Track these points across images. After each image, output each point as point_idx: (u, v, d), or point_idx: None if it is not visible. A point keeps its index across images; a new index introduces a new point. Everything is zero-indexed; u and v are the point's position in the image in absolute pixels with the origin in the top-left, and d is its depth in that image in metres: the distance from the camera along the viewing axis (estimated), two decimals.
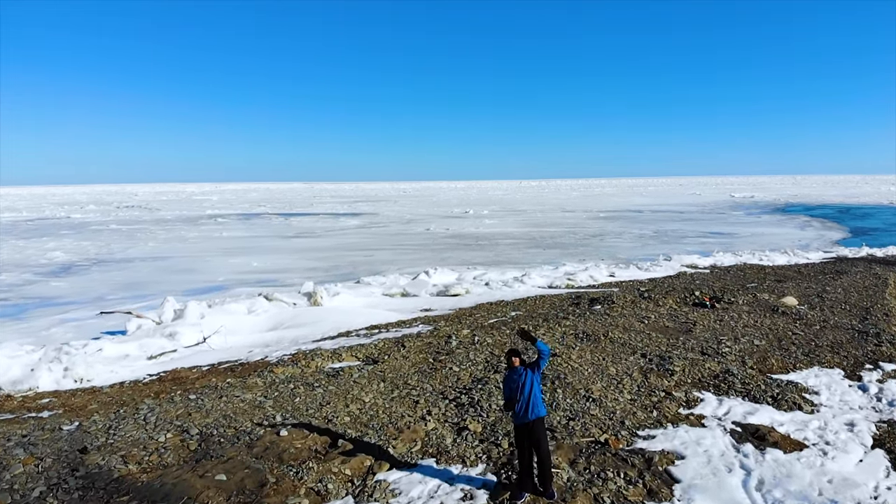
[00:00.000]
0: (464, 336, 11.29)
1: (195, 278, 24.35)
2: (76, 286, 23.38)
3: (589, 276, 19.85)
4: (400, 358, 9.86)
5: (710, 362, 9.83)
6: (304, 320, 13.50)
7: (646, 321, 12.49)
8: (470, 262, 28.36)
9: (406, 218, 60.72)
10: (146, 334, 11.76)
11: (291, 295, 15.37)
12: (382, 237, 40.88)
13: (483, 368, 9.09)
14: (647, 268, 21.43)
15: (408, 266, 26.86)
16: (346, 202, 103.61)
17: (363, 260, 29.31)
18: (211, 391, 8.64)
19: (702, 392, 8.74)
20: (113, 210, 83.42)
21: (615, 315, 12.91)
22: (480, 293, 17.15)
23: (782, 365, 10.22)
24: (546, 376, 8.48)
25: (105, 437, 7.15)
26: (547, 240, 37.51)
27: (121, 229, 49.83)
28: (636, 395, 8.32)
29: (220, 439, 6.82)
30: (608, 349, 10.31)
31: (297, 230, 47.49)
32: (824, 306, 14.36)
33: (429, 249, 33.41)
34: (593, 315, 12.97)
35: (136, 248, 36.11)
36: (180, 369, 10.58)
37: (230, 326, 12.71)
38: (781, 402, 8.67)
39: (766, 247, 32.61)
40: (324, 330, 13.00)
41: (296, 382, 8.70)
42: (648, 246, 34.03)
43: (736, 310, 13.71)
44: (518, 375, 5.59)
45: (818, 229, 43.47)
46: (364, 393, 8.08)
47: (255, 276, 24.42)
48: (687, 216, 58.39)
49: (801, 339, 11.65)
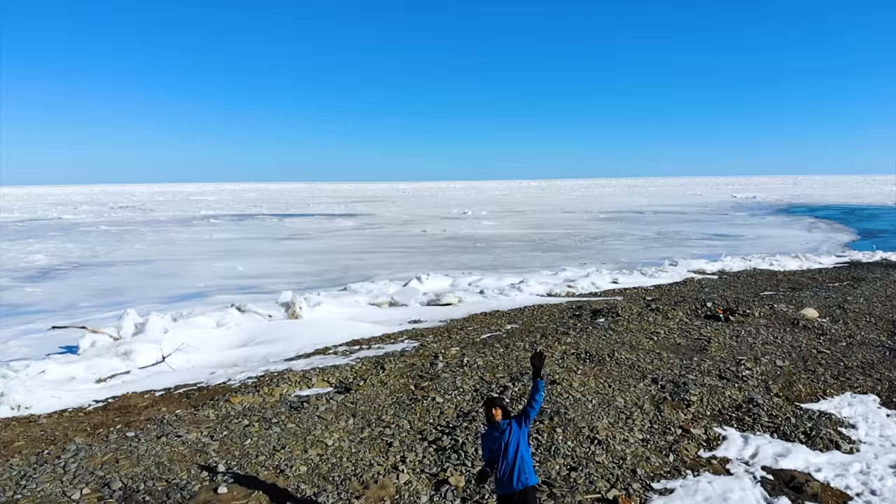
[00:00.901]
0: (452, 356, 10.08)
1: (176, 284, 23.14)
2: (50, 292, 22.17)
3: (591, 282, 18.64)
4: (377, 384, 8.65)
5: (730, 389, 8.63)
6: (279, 335, 12.31)
7: (655, 337, 11.27)
8: (466, 265, 27.16)
9: (403, 219, 59.52)
10: (98, 353, 10.55)
11: (268, 305, 14.16)
12: (377, 239, 39.67)
13: (471, 399, 7.88)
14: (653, 273, 20.22)
15: (401, 270, 25.67)
16: (344, 202, 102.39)
17: (355, 263, 28.11)
18: (153, 427, 7.44)
19: (724, 427, 7.53)
20: (107, 211, 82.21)
21: (621, 330, 11.69)
22: (474, 302, 15.94)
23: (810, 391, 9.03)
24: (544, 411, 7.28)
25: (13, 490, 5.95)
26: (546, 242, 36.31)
27: (110, 231, 48.62)
28: (648, 432, 7.12)
29: (146, 497, 5.62)
30: (614, 373, 9.10)
31: (290, 232, 46.27)
32: (848, 319, 13.16)
33: (424, 252, 32.21)
34: (596, 330, 11.75)
35: (122, 250, 34.91)
36: (131, 395, 9.37)
37: (196, 342, 11.50)
38: (815, 439, 7.46)
39: (773, 250, 31.40)
40: (299, 346, 11.81)
41: (252, 417, 7.48)
42: (651, 249, 32.82)
43: (753, 323, 12.50)
44: (500, 432, 4.37)
45: (825, 231, 42.25)
46: (328, 433, 6.86)
47: (238, 282, 23.20)
48: (689, 217, 57.18)
49: (827, 358, 10.45)
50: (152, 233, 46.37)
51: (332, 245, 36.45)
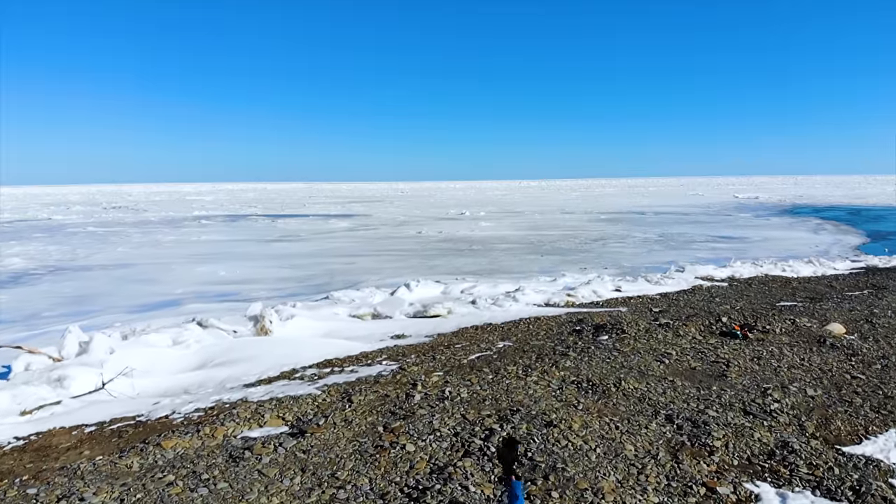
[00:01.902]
0: (433, 384, 8.72)
1: (151, 290, 21.78)
2: (16, 300, 20.83)
3: (592, 291, 17.30)
4: (339, 423, 7.29)
5: (759, 429, 7.28)
6: (242, 355, 10.95)
7: (666, 360, 9.91)
8: (460, 270, 25.82)
9: (399, 220, 58.13)
10: (29, 379, 9.19)
11: (235, 319, 12.80)
12: (370, 241, 38.30)
13: (449, 448, 6.51)
14: (658, 280, 18.87)
15: (391, 275, 24.32)
16: (341, 203, 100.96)
17: (343, 268, 26.74)
18: (61, 482, 6.09)
19: (755, 483, 6.17)
20: (99, 211, 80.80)
21: (627, 351, 10.34)
22: (465, 314, 14.59)
23: (850, 428, 7.67)
24: (536, 466, 5.93)
25: None
26: (545, 244, 34.95)
27: (97, 232, 47.24)
28: (666, 493, 5.77)
29: None
30: (622, 408, 7.75)
31: (281, 233, 44.89)
32: (878, 336, 11.80)
33: (417, 256, 30.85)
34: (599, 350, 10.40)
35: (103, 253, 33.55)
36: (57, 431, 8.02)
37: (145, 365, 10.14)
38: (866, 497, 6.07)
39: (781, 253, 30.08)
40: (263, 368, 10.46)
41: (180, 471, 6.13)
42: (654, 252, 31.47)
43: (774, 342, 11.15)
44: None
45: (833, 233, 40.88)
46: (267, 497, 5.50)
47: (217, 288, 21.85)
48: (692, 218, 55.82)
49: (863, 385, 9.10)
50: (139, 234, 45.01)
51: (322, 248, 35.09)
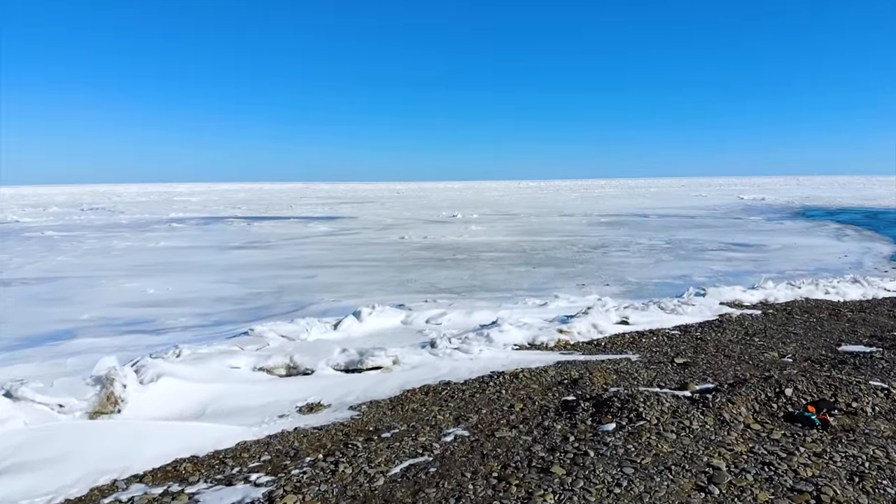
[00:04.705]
0: None
1: (52, 315, 17.81)
2: None
3: (591, 324, 13.37)
4: None
5: None
6: (48, 452, 7.02)
7: (715, 481, 5.95)
8: (436, 286, 21.90)
9: (385, 223, 54.20)
10: None
11: (73, 384, 8.81)
12: (344, 248, 34.34)
13: None
14: (674, 308, 14.93)
15: (352, 294, 20.40)
16: (331, 204, 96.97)
17: (298, 283, 22.79)
18: None
19: None
20: (75, 213, 76.79)
21: (647, 462, 6.38)
22: (416, 365, 10.65)
23: None
24: None
25: None
26: (538, 253, 30.99)
27: (52, 237, 43.26)
28: None
29: None
30: None
31: (250, 238, 40.91)
32: None
33: (392, 267, 26.92)
34: (602, 458, 6.45)
35: (40, 263, 29.59)
36: None
37: None
38: None
39: (809, 265, 26.16)
40: (68, 481, 6.55)
41: None
42: (663, 263, 27.52)
43: (871, 432, 7.20)
44: None
45: (857, 240, 36.94)
46: None
47: (131, 313, 17.82)
48: (699, 222, 51.87)
49: None
50: (95, 239, 41.02)
51: (286, 256, 31.13)
